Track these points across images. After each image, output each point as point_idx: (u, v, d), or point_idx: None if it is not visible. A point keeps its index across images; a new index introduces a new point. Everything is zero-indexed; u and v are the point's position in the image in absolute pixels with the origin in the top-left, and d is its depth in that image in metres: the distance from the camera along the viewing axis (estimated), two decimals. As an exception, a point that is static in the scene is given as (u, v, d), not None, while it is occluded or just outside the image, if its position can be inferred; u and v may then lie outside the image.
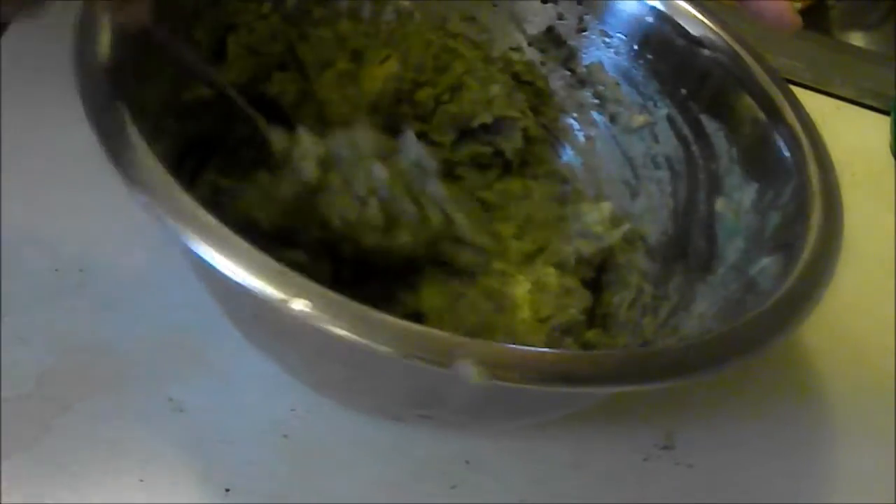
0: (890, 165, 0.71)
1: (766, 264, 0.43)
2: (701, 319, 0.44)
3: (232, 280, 0.33)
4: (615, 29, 0.55)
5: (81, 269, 0.49)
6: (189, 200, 0.34)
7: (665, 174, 0.53)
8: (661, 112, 0.53)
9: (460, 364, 0.32)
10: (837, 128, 0.52)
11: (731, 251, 0.47)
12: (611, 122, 0.57)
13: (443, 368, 0.32)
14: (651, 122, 0.54)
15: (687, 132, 0.52)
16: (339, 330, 0.32)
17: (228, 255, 0.33)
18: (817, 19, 0.86)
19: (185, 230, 0.33)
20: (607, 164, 0.57)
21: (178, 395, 0.46)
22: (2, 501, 0.41)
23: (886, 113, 0.75)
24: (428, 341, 0.33)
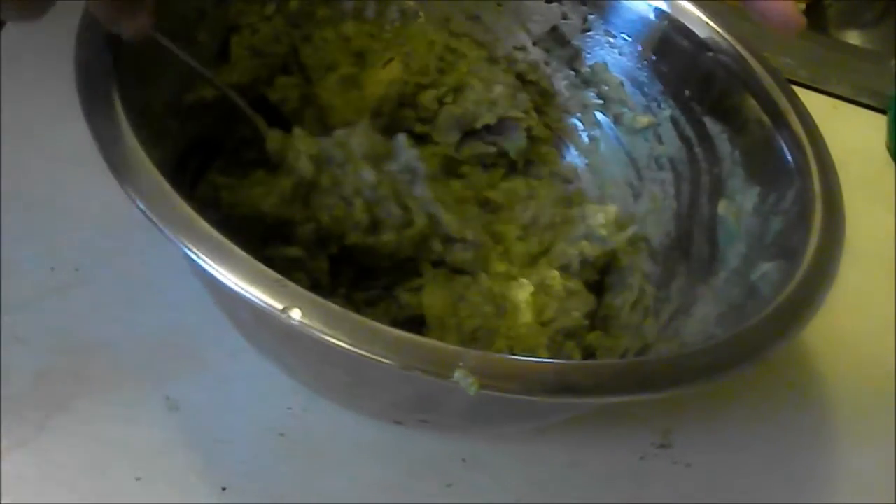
0: (887, 164, 0.71)
1: (767, 270, 0.43)
2: (702, 324, 0.44)
3: (230, 289, 0.32)
4: (620, 29, 0.54)
5: (78, 269, 0.49)
6: (187, 208, 0.34)
7: (668, 175, 0.53)
8: (665, 113, 0.53)
9: (459, 375, 0.31)
10: (834, 126, 0.50)
11: (733, 255, 0.46)
12: (615, 123, 0.56)
13: (442, 380, 0.32)
14: (655, 123, 0.53)
15: (690, 134, 0.51)
16: (338, 341, 0.31)
17: (225, 264, 0.32)
18: (814, 18, 0.84)
19: (182, 239, 0.33)
20: (611, 164, 0.56)
21: (174, 395, 0.45)
22: (1, 501, 0.40)
23: (883, 111, 0.74)
24: (427, 353, 0.32)
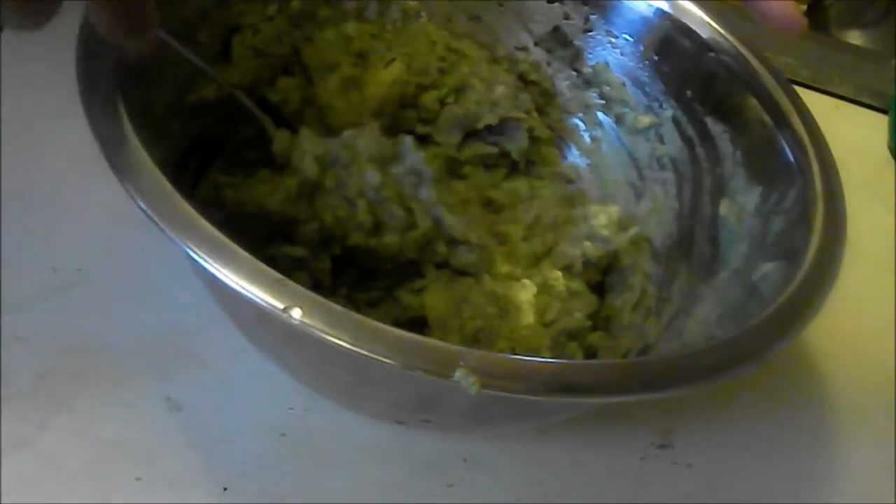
0: (888, 164, 0.70)
1: (768, 270, 0.42)
2: (704, 324, 0.43)
3: (231, 288, 0.32)
4: (621, 29, 0.54)
5: (80, 269, 0.49)
6: (188, 208, 0.33)
7: (670, 175, 0.52)
8: (667, 113, 0.52)
9: (460, 375, 0.31)
10: (835, 126, 0.50)
11: (734, 255, 0.46)
12: (616, 123, 0.56)
13: (443, 379, 0.31)
14: (657, 123, 0.53)
15: (692, 134, 0.51)
16: (339, 340, 0.31)
17: (227, 264, 0.32)
18: (815, 18, 0.84)
19: (183, 239, 0.32)
20: (613, 164, 0.56)
21: (175, 395, 0.45)
22: (1, 501, 0.40)
23: (884, 111, 0.74)
24: (428, 352, 0.32)
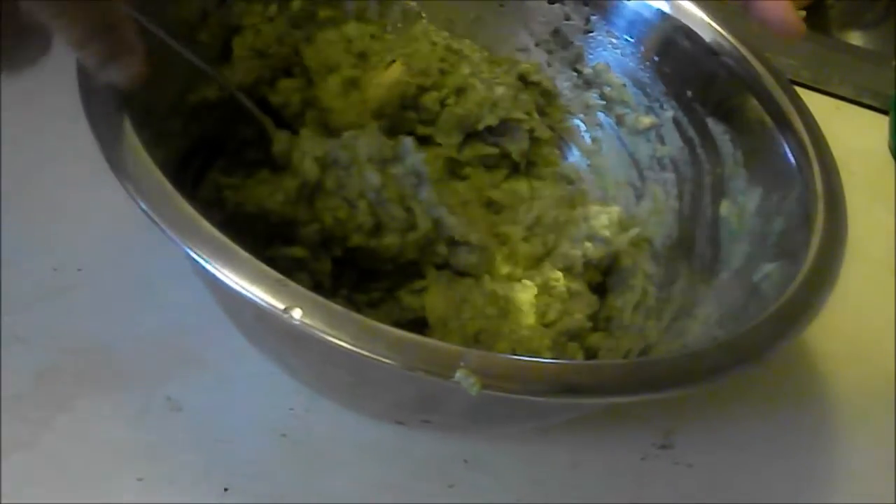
0: (888, 164, 0.70)
1: (769, 270, 0.42)
2: (705, 324, 0.43)
3: (232, 289, 0.32)
4: (622, 30, 0.53)
5: (80, 269, 0.48)
6: (189, 209, 0.33)
7: (671, 176, 0.52)
8: (668, 114, 0.52)
9: (460, 375, 0.31)
10: (836, 127, 0.50)
11: (735, 256, 0.45)
12: (617, 124, 0.55)
13: (444, 380, 0.31)
14: (657, 123, 0.53)
15: (693, 135, 0.51)
16: (340, 341, 0.31)
17: (227, 264, 0.32)
18: (816, 18, 0.84)
19: (184, 239, 0.32)
20: (613, 165, 0.56)
21: (176, 395, 0.45)
22: (2, 501, 0.40)
23: (885, 112, 0.73)
24: (428, 353, 0.32)
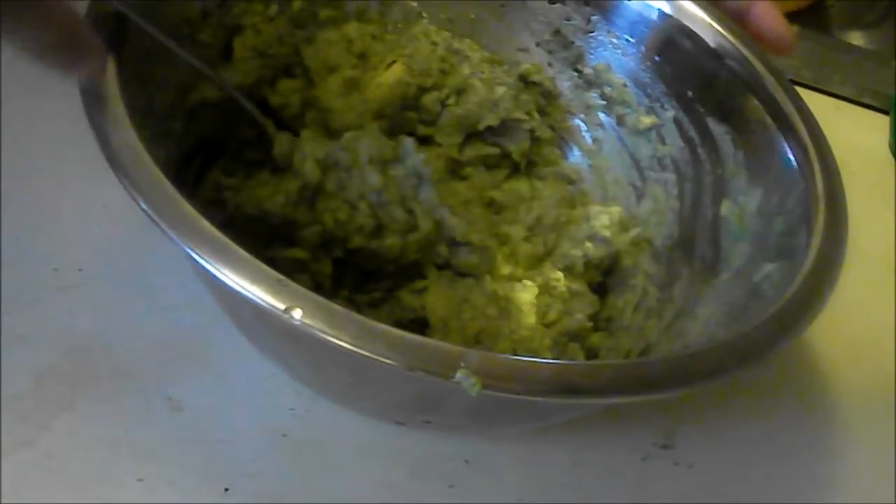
0: (889, 164, 0.70)
1: (770, 271, 0.42)
2: (705, 325, 0.43)
3: (231, 289, 0.31)
4: (623, 30, 0.53)
5: (81, 269, 0.48)
6: (189, 208, 0.33)
7: (671, 176, 0.52)
8: (668, 114, 0.52)
9: (461, 375, 0.31)
10: (837, 127, 0.50)
11: (736, 256, 0.45)
12: (618, 124, 0.55)
13: (444, 380, 0.31)
14: (658, 123, 0.52)
15: (693, 135, 0.51)
16: (340, 341, 0.31)
17: (227, 264, 0.32)
18: (816, 18, 0.84)
19: (184, 239, 0.32)
20: (614, 165, 0.55)
21: (177, 395, 0.45)
22: (2, 501, 0.40)
23: (885, 112, 0.73)
24: (429, 353, 0.32)
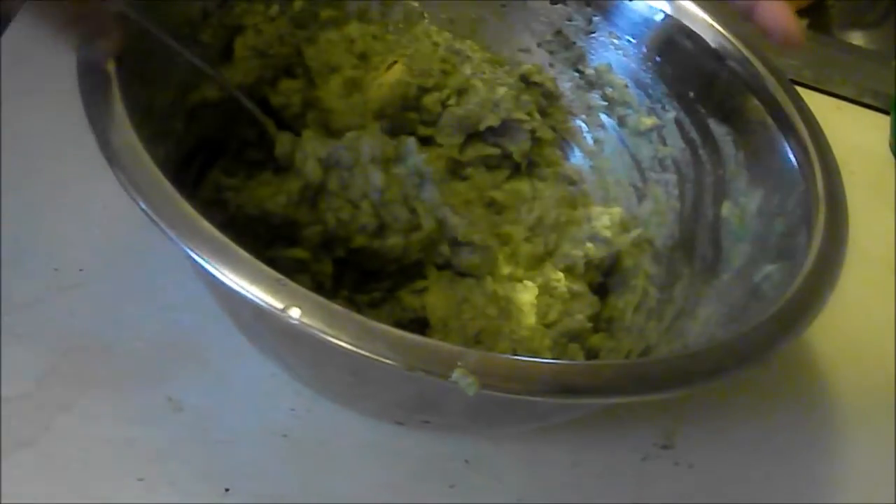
0: (889, 164, 0.70)
1: (770, 271, 0.42)
2: (706, 325, 0.43)
3: (230, 288, 0.31)
4: (624, 31, 0.53)
5: (81, 269, 0.48)
6: (188, 208, 0.33)
7: (672, 177, 0.52)
8: (669, 115, 0.52)
9: (458, 375, 0.31)
10: (837, 127, 0.50)
11: (736, 256, 0.45)
12: (619, 125, 0.55)
13: (441, 379, 0.31)
14: (659, 124, 0.52)
15: (695, 135, 0.50)
16: (338, 340, 0.31)
17: (226, 264, 0.32)
18: (817, 18, 0.83)
19: (183, 239, 0.32)
20: (615, 166, 0.55)
21: (177, 395, 0.45)
22: (2, 501, 0.39)
23: (886, 112, 0.73)
24: (427, 352, 0.31)
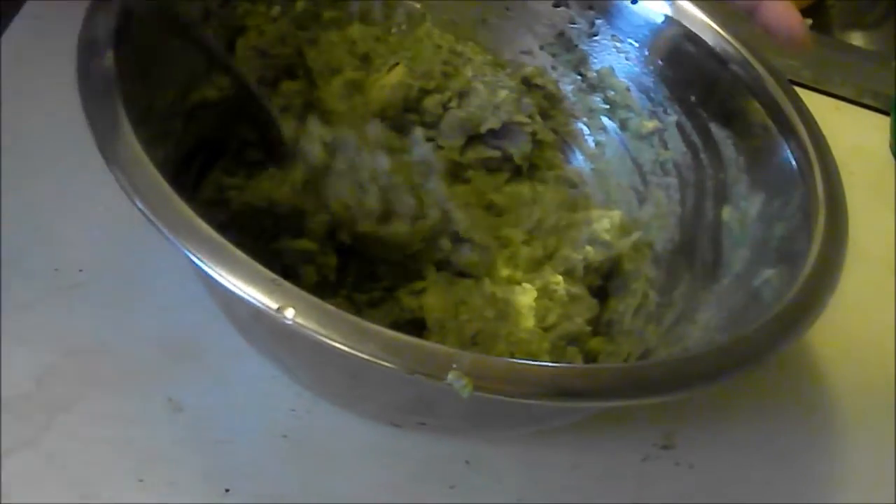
0: (889, 165, 0.69)
1: (770, 276, 0.42)
2: (705, 329, 0.43)
3: (226, 288, 0.31)
4: (626, 34, 0.53)
5: (81, 269, 0.48)
6: (185, 208, 0.33)
7: (673, 181, 0.52)
8: (671, 118, 0.52)
9: (452, 377, 0.31)
10: (837, 127, 0.50)
11: (737, 261, 0.45)
12: (620, 128, 0.55)
13: (436, 381, 0.31)
14: (661, 128, 0.52)
15: (696, 139, 0.50)
16: (331, 341, 0.31)
17: (222, 263, 0.32)
18: (817, 19, 0.82)
19: (178, 238, 0.32)
20: (616, 169, 0.55)
21: (177, 395, 0.44)
22: (2, 501, 0.39)
23: (886, 112, 0.72)
24: (421, 354, 0.31)
